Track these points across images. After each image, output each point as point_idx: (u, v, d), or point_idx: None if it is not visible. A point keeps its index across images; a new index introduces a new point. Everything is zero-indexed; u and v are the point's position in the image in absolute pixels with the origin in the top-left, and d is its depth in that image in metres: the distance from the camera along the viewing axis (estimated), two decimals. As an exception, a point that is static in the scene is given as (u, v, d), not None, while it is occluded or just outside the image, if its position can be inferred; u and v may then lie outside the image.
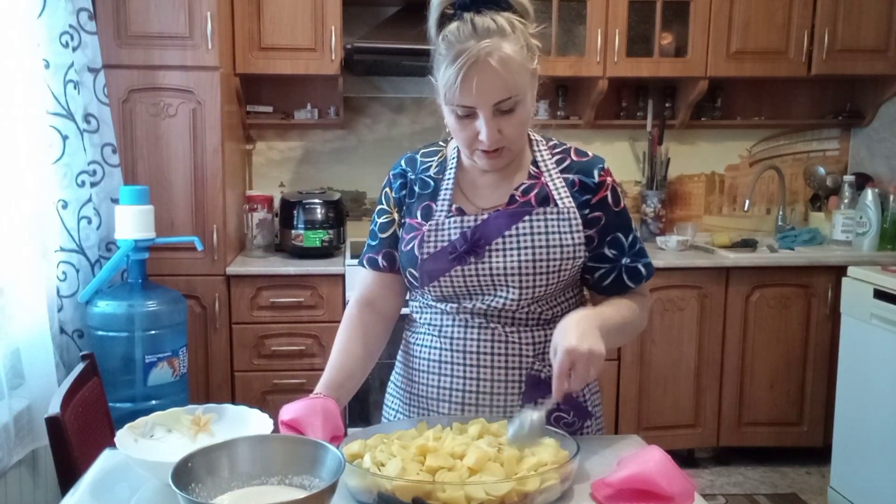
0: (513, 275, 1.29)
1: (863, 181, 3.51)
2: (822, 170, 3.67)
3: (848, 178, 3.48)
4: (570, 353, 1.14)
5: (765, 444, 3.27)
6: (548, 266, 1.29)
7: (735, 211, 3.74)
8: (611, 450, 1.29)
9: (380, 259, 1.42)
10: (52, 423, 1.46)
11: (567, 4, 3.25)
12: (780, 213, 3.62)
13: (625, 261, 1.35)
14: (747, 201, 3.49)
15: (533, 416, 1.17)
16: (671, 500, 1.08)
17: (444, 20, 1.24)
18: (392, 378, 1.51)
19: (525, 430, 1.17)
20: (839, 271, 2.93)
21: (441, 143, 1.44)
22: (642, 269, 1.37)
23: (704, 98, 3.45)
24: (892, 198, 3.26)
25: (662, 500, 1.08)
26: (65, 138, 2.37)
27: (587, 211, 1.33)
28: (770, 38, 3.27)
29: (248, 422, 1.28)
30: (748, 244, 3.33)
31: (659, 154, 3.55)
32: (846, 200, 3.42)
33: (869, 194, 3.26)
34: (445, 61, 1.20)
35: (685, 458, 3.27)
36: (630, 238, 1.36)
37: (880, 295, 2.61)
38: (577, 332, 1.16)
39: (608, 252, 1.35)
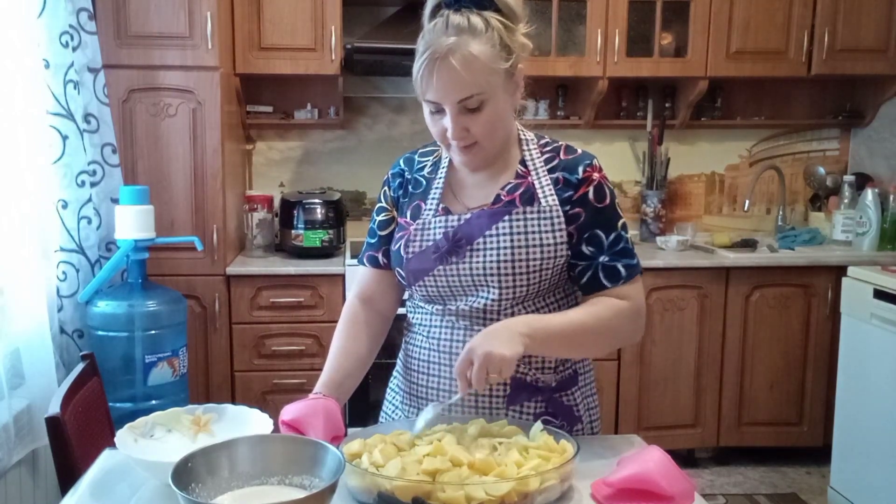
0: (492, 275, 1.29)
1: (863, 181, 3.51)
2: (822, 170, 3.67)
3: (848, 178, 3.48)
4: (469, 353, 1.16)
5: (765, 444, 3.27)
6: (527, 266, 1.28)
7: (735, 211, 3.74)
8: (611, 450, 1.29)
9: (379, 256, 1.43)
10: (52, 423, 1.46)
11: (567, 4, 3.25)
12: (780, 213, 3.62)
13: (602, 259, 1.30)
14: (747, 201, 3.49)
15: (428, 413, 1.23)
16: (671, 500, 1.08)
17: (432, 15, 1.26)
18: (393, 376, 1.51)
19: (425, 424, 1.22)
20: (839, 271, 2.93)
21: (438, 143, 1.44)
22: (621, 269, 1.30)
23: (704, 98, 3.45)
24: (892, 198, 3.26)
25: (662, 500, 1.08)
26: (65, 138, 2.37)
27: (568, 207, 1.30)
28: (770, 38, 3.27)
29: (248, 422, 1.29)
30: (748, 244, 3.33)
31: (659, 154, 3.55)
32: (846, 200, 3.42)
33: (869, 194, 3.26)
34: (417, 57, 1.23)
35: (685, 458, 3.27)
36: (612, 236, 1.30)
37: (880, 295, 2.61)
38: (488, 334, 1.17)
39: (585, 249, 1.31)
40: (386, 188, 1.45)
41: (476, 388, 1.17)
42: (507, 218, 1.30)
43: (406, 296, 1.46)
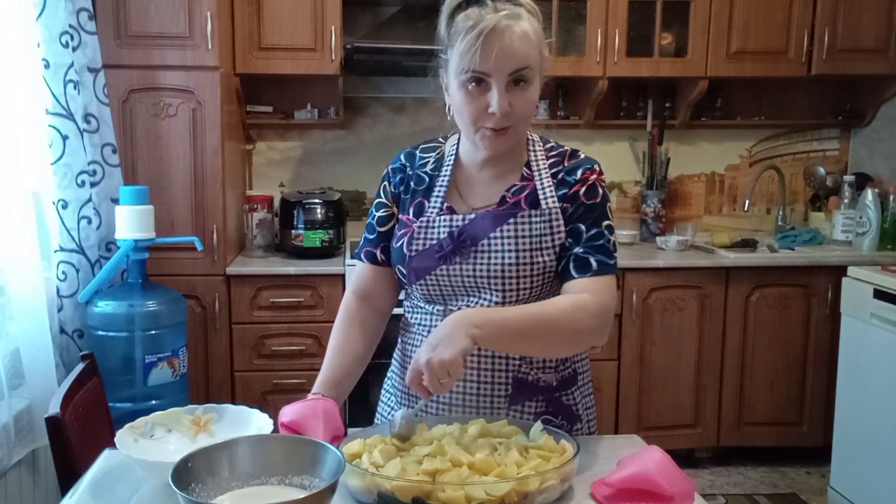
0: (496, 277, 1.28)
1: (863, 181, 3.51)
2: (822, 170, 3.67)
3: (848, 178, 3.48)
4: (415, 364, 1.14)
5: (765, 444, 3.27)
6: (531, 269, 1.28)
7: (735, 211, 3.74)
8: (611, 450, 1.29)
9: (378, 253, 1.42)
10: (52, 423, 1.46)
11: (567, 4, 3.25)
12: (780, 213, 3.62)
13: (577, 250, 1.28)
14: (747, 201, 3.49)
15: (398, 414, 1.22)
16: (671, 500, 1.08)
17: (458, 10, 1.25)
18: (388, 376, 1.51)
19: (397, 427, 1.21)
20: (839, 271, 2.93)
21: (440, 139, 1.43)
22: (593, 263, 1.26)
23: (704, 98, 3.45)
24: (892, 198, 3.26)
25: (662, 500, 1.08)
26: (65, 138, 2.37)
27: (562, 204, 1.30)
28: (770, 38, 3.27)
29: (248, 422, 1.28)
30: (748, 244, 3.33)
31: (659, 154, 3.55)
32: (846, 200, 3.42)
33: (869, 194, 3.26)
34: (464, 32, 1.21)
35: (685, 458, 3.27)
36: (592, 232, 1.29)
37: (880, 295, 2.61)
38: (430, 341, 1.15)
39: (565, 241, 1.30)
40: (386, 183, 1.43)
41: (435, 395, 1.17)
42: (511, 221, 1.29)
43: (403, 296, 1.46)
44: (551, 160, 1.34)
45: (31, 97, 2.24)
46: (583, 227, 1.29)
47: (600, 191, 1.31)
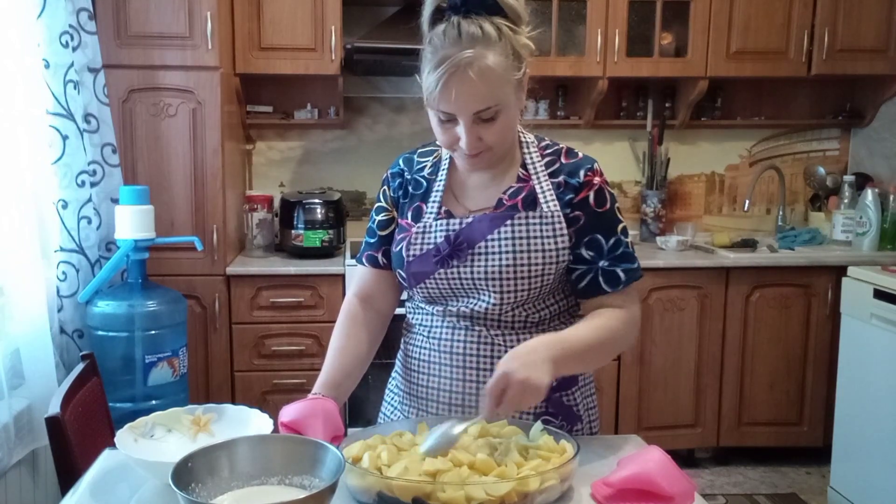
0: (493, 279, 1.28)
1: (863, 181, 3.51)
2: (822, 170, 3.67)
3: (848, 178, 3.48)
4: (505, 378, 1.12)
5: (765, 444, 3.27)
6: (529, 271, 1.28)
7: (735, 211, 3.74)
8: (611, 450, 1.29)
9: (379, 256, 1.43)
10: (52, 423, 1.46)
11: (567, 4, 3.25)
12: (780, 213, 3.62)
13: (602, 263, 1.30)
14: (747, 201, 3.49)
15: (452, 431, 1.14)
16: (671, 500, 1.08)
17: (435, 19, 1.23)
18: (392, 376, 1.51)
19: (442, 443, 1.13)
20: (839, 271, 2.93)
21: (438, 142, 1.44)
22: (621, 274, 1.30)
23: (704, 98, 3.45)
24: (892, 198, 3.26)
25: (662, 500, 1.08)
26: (65, 138, 2.37)
27: (569, 210, 1.30)
28: (770, 38, 3.27)
29: (248, 422, 1.29)
30: (748, 244, 3.33)
31: (659, 154, 3.55)
32: (846, 200, 3.42)
33: (869, 194, 3.26)
34: (429, 65, 1.20)
35: (685, 458, 3.27)
36: (612, 241, 1.31)
37: (880, 295, 2.61)
38: (523, 359, 1.14)
39: (585, 253, 1.30)
40: (385, 188, 1.44)
41: (502, 414, 1.14)
42: (508, 223, 1.29)
43: (405, 296, 1.46)
44: (547, 159, 1.34)
45: (31, 97, 2.24)
46: (601, 238, 1.30)
47: (608, 195, 1.32)
